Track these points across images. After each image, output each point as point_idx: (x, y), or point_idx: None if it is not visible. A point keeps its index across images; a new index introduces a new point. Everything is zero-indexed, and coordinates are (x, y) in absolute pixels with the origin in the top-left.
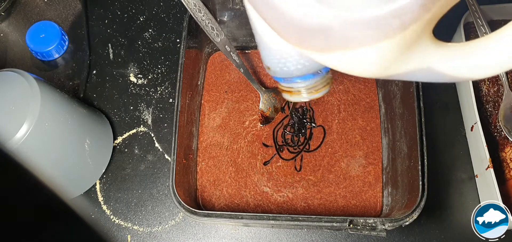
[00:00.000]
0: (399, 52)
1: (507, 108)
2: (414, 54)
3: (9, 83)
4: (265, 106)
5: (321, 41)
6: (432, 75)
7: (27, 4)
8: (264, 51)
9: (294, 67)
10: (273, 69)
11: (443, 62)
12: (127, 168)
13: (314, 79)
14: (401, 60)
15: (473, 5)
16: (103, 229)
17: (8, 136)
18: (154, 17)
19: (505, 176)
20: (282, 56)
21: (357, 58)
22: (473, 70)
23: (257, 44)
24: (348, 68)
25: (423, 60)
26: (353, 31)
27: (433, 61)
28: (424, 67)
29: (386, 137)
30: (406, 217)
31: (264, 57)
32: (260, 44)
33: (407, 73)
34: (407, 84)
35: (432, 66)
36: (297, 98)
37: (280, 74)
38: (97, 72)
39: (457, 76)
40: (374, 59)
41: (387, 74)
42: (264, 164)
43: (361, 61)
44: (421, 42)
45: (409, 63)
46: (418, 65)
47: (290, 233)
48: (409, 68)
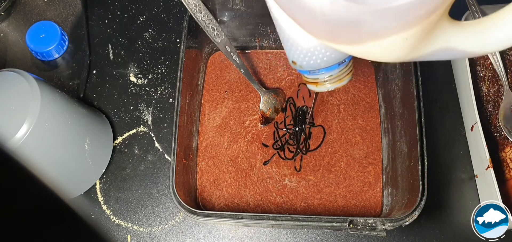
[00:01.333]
0: (423, 36)
1: (507, 108)
2: (435, 36)
3: (9, 83)
4: (266, 107)
5: (351, 35)
6: (452, 53)
7: (27, 4)
8: (289, 48)
9: (320, 59)
10: (299, 63)
11: (461, 40)
12: (127, 168)
13: (338, 68)
14: (424, 43)
15: (473, 5)
16: (103, 229)
17: (8, 136)
18: (154, 17)
19: (505, 176)
20: (309, 51)
21: (385, 46)
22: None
23: (281, 40)
24: (376, 56)
25: (444, 40)
26: (382, 22)
27: (453, 40)
28: (444, 47)
29: (386, 137)
30: (406, 217)
31: (289, 52)
32: (285, 41)
33: (429, 54)
34: (407, 84)
35: (452, 45)
36: (322, 88)
37: (306, 67)
38: (97, 72)
39: (474, 51)
40: (400, 45)
41: (411, 57)
42: (263, 164)
43: (388, 49)
44: (441, 25)
45: (431, 45)
46: (439, 45)
47: (290, 233)
48: (431, 49)
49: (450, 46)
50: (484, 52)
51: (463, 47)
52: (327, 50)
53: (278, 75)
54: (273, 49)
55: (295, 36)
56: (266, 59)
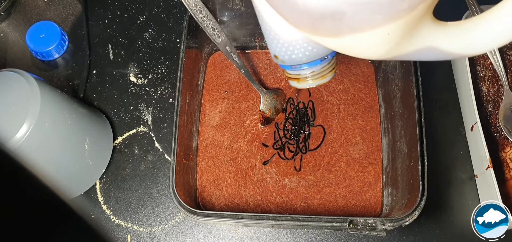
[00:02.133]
0: (405, 33)
1: (507, 108)
2: (418, 34)
3: (9, 83)
4: (266, 107)
5: (333, 27)
6: (434, 54)
7: (27, 4)
8: (271, 41)
9: (302, 53)
10: (281, 57)
11: (444, 40)
12: (127, 168)
13: (321, 64)
14: (406, 41)
15: (473, 5)
16: (103, 229)
17: (8, 136)
18: (154, 17)
19: (505, 176)
20: (291, 44)
21: (367, 41)
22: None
23: (263, 33)
24: (357, 51)
25: (426, 39)
26: (364, 14)
27: (435, 40)
28: (427, 46)
29: (386, 137)
30: (406, 217)
31: (271, 46)
32: (267, 34)
33: (413, 53)
34: (407, 84)
35: (434, 45)
36: (304, 84)
37: (288, 62)
38: (97, 72)
39: (457, 52)
40: (382, 40)
41: (393, 55)
42: (263, 164)
43: (371, 43)
44: (424, 23)
45: (413, 43)
46: (422, 44)
47: (290, 233)
48: (415, 48)
49: (433, 46)
50: (466, 53)
51: (445, 47)
52: (309, 44)
53: (278, 76)
54: None
55: (277, 29)
56: (266, 59)
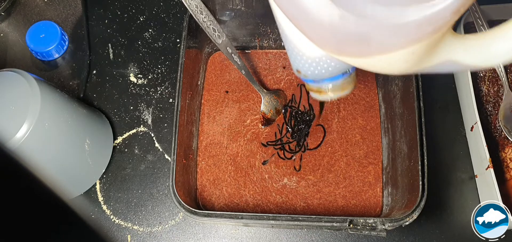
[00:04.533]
0: (428, 51)
1: (507, 108)
2: (440, 49)
3: (9, 83)
4: (267, 108)
5: (358, 48)
6: (454, 66)
7: (27, 4)
8: (295, 57)
9: (325, 70)
10: (304, 72)
11: (464, 54)
12: (127, 168)
13: (342, 78)
14: (429, 57)
15: (473, 5)
16: (103, 229)
17: (8, 136)
18: (154, 17)
19: (505, 176)
20: (314, 60)
21: (391, 60)
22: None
23: (286, 50)
24: (381, 69)
25: (447, 53)
26: (391, 38)
27: (455, 53)
28: (447, 60)
29: (386, 137)
30: (406, 217)
31: (294, 62)
32: (290, 51)
33: (433, 67)
34: (407, 84)
35: (455, 58)
36: (325, 97)
37: (311, 77)
38: (97, 72)
39: (476, 64)
40: (406, 59)
41: (416, 69)
42: (262, 164)
43: (394, 62)
44: (445, 39)
45: (435, 58)
46: (443, 58)
47: (290, 233)
48: (435, 62)
49: (453, 59)
50: (486, 65)
51: (465, 60)
52: (332, 61)
53: (278, 76)
54: (273, 49)
55: (301, 46)
56: (266, 59)
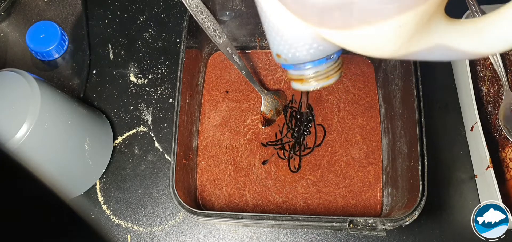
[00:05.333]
0: (417, 27)
1: (507, 108)
2: (430, 31)
3: (9, 83)
4: (267, 109)
5: (341, 18)
6: (446, 53)
7: (27, 4)
8: (274, 37)
9: (306, 51)
10: (284, 56)
11: (457, 38)
12: (127, 168)
13: (326, 64)
14: (418, 37)
15: (473, 5)
16: (103, 229)
17: (8, 136)
18: (154, 17)
19: (505, 176)
20: (295, 40)
21: (377, 35)
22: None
23: (265, 31)
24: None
25: (438, 36)
26: (374, 3)
27: (448, 37)
28: (439, 44)
29: (386, 137)
30: (406, 217)
31: (273, 43)
32: (270, 30)
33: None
34: (407, 84)
35: (446, 43)
36: (308, 86)
37: (291, 60)
38: (97, 72)
39: (470, 51)
40: (393, 34)
41: (404, 52)
42: (262, 164)
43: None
44: (436, 19)
45: (425, 40)
46: (434, 41)
47: (290, 233)
48: (425, 46)
49: (446, 44)
50: (480, 53)
51: (458, 46)
52: (315, 41)
53: (278, 76)
54: None
55: (280, 24)
56: (266, 59)
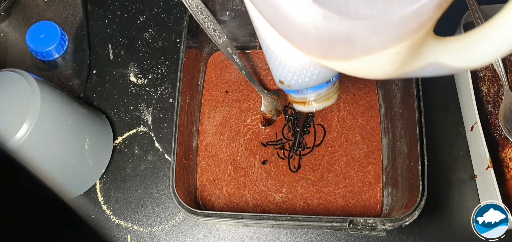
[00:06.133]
0: (412, 52)
1: (507, 108)
2: (422, 51)
3: (9, 83)
4: (267, 109)
5: (343, 50)
6: (438, 69)
7: (27, 4)
8: (277, 67)
9: (309, 78)
10: (287, 83)
11: (446, 56)
12: (127, 168)
13: (326, 87)
14: (412, 59)
15: (473, 5)
16: (103, 229)
17: (8, 136)
18: (154, 17)
19: (505, 176)
20: (297, 69)
21: (376, 62)
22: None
23: (267, 60)
24: (366, 72)
25: (430, 56)
26: (376, 36)
27: (438, 56)
28: (431, 62)
29: (386, 137)
30: (406, 217)
31: (276, 72)
32: (272, 60)
33: (418, 69)
34: (407, 84)
35: (437, 60)
36: (309, 108)
37: (294, 86)
38: (97, 72)
39: (459, 66)
40: (392, 60)
41: (400, 73)
42: (262, 163)
43: (380, 64)
44: (427, 41)
45: (418, 61)
46: (426, 61)
47: (290, 233)
48: (418, 65)
49: (437, 62)
50: (470, 67)
51: (448, 62)
52: (316, 68)
53: None
54: None
55: (283, 55)
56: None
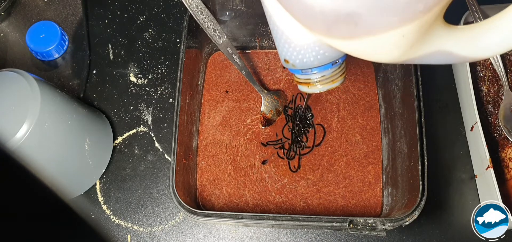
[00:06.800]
0: (419, 35)
1: (507, 108)
2: (430, 37)
3: (9, 83)
4: (267, 109)
5: (348, 29)
6: (445, 57)
7: (27, 4)
8: (282, 45)
9: (313, 57)
10: (292, 62)
11: (455, 44)
12: (127, 168)
13: (332, 69)
14: (419, 44)
15: (473, 5)
16: (103, 229)
17: (8, 136)
18: (154, 17)
19: (505, 176)
20: (302, 48)
21: (381, 43)
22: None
23: (274, 38)
24: (371, 54)
25: (438, 42)
26: (380, 16)
27: (446, 43)
28: (438, 49)
29: (386, 137)
30: (406, 217)
31: (282, 50)
32: (278, 38)
33: (424, 56)
34: (407, 84)
35: (446, 48)
36: (313, 89)
37: (299, 66)
38: (97, 72)
39: (467, 56)
40: (396, 43)
41: (406, 57)
42: (262, 163)
43: (385, 46)
44: (436, 26)
45: (426, 46)
46: (434, 47)
47: (290, 233)
48: (426, 51)
49: (444, 49)
50: (476, 57)
51: (456, 50)
52: (321, 48)
53: (277, 76)
54: (273, 49)
55: (289, 32)
56: (266, 59)
